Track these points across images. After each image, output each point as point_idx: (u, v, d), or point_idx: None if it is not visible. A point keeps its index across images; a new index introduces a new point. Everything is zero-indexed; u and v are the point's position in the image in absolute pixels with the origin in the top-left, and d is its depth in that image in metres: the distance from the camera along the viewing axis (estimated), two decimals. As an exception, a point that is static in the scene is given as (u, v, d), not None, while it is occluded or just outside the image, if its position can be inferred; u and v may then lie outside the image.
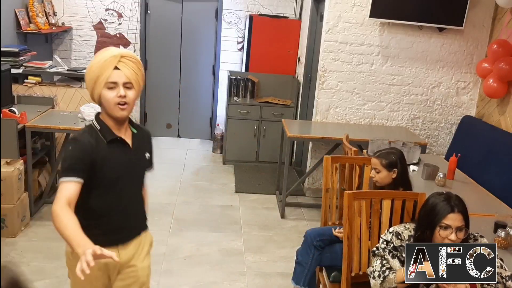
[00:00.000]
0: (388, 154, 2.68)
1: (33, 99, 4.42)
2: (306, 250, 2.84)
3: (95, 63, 1.81)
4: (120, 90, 1.81)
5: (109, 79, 1.79)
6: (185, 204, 4.56)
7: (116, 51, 1.83)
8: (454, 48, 4.74)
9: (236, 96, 5.80)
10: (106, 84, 1.80)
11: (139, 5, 6.02)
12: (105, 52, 1.84)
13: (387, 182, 2.67)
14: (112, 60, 1.79)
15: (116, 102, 1.82)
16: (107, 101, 1.82)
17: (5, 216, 3.60)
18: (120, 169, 1.90)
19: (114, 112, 1.84)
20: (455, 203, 1.98)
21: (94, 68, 1.80)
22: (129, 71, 1.82)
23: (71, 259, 2.01)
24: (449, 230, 1.94)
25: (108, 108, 1.84)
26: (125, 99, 1.82)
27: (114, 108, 1.83)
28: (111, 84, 1.80)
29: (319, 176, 4.93)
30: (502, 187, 3.53)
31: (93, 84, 1.81)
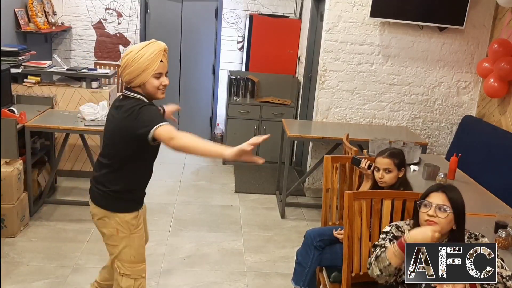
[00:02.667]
0: (397, 153, 2.66)
1: (33, 99, 4.42)
2: (306, 250, 2.83)
3: (146, 55, 2.10)
4: (165, 79, 2.19)
5: (157, 70, 2.14)
6: (185, 204, 4.56)
7: (162, 45, 2.16)
8: (454, 48, 4.73)
9: (236, 95, 5.79)
10: (154, 75, 2.13)
11: (139, 4, 6.02)
12: (153, 45, 2.14)
13: (393, 183, 2.66)
14: (161, 54, 2.14)
15: (160, 88, 2.18)
16: (153, 87, 2.16)
17: (5, 216, 3.59)
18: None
19: (157, 95, 2.20)
20: (443, 186, 2.01)
21: (144, 59, 2.10)
22: (167, 62, 2.20)
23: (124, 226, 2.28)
24: (429, 206, 1.96)
25: (152, 92, 2.18)
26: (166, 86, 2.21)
27: (157, 92, 2.19)
28: (158, 74, 2.15)
29: (319, 176, 4.92)
30: (502, 187, 3.52)
31: (140, 72, 2.11)
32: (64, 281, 3.18)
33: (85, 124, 3.95)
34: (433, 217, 1.94)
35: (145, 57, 2.10)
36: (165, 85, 2.20)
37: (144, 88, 2.17)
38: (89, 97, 4.62)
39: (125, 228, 2.27)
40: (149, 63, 2.11)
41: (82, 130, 3.98)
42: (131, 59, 2.11)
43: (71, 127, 3.91)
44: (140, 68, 2.11)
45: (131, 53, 2.12)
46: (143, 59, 2.10)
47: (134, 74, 2.12)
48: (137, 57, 2.11)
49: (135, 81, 2.15)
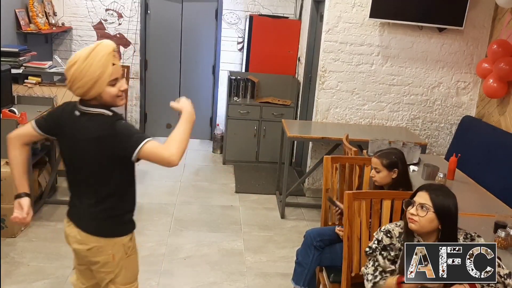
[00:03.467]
0: (389, 154, 2.68)
1: (33, 99, 4.42)
2: (306, 250, 2.84)
3: (95, 62, 1.80)
4: (123, 83, 1.91)
5: (112, 76, 1.85)
6: (185, 204, 4.56)
7: (111, 45, 1.86)
8: (454, 48, 4.74)
9: (236, 96, 5.80)
10: (110, 82, 1.85)
11: (139, 5, 6.02)
12: (100, 48, 1.83)
13: (387, 182, 2.67)
14: (111, 56, 1.84)
15: (118, 95, 1.91)
16: (112, 96, 1.88)
17: (5, 216, 3.60)
18: None
19: (117, 103, 1.92)
20: (429, 185, 2.05)
21: (95, 67, 1.80)
22: (119, 63, 1.89)
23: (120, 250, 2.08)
24: (412, 205, 2.01)
25: (111, 101, 1.90)
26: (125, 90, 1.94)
27: (117, 99, 1.91)
28: (113, 81, 1.86)
29: (319, 176, 4.93)
30: (502, 187, 3.52)
31: (93, 83, 1.82)
32: (65, 281, 3.18)
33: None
34: (414, 215, 1.98)
35: (94, 65, 1.80)
36: (124, 90, 1.92)
37: (101, 98, 1.87)
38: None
39: (122, 252, 2.06)
40: (101, 71, 1.81)
41: (82, 131, 3.99)
42: (79, 70, 1.80)
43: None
44: (92, 79, 1.80)
45: (77, 64, 1.81)
46: (93, 67, 1.80)
47: (87, 87, 1.82)
48: (86, 67, 1.80)
49: (89, 94, 1.85)
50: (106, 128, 1.86)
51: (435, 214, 1.97)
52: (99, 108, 1.90)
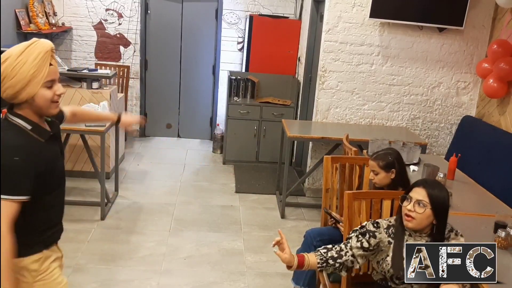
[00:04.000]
0: (385, 155, 2.68)
1: (33, 99, 4.42)
2: (306, 250, 2.84)
3: (30, 60, 1.60)
4: (59, 87, 1.70)
5: (48, 77, 1.64)
6: (185, 204, 4.56)
7: (49, 44, 1.66)
8: (454, 48, 4.74)
9: (236, 96, 5.80)
10: (45, 83, 1.64)
11: (139, 5, 6.03)
12: (37, 46, 1.63)
13: (386, 183, 2.68)
14: (48, 55, 1.64)
15: (53, 100, 1.69)
16: (46, 100, 1.66)
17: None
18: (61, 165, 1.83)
19: (50, 110, 1.71)
20: (426, 181, 2.05)
21: (28, 65, 1.59)
22: (56, 63, 1.71)
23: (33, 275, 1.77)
24: (409, 201, 2.00)
25: (43, 107, 1.67)
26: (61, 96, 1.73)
27: (51, 106, 1.69)
28: (49, 82, 1.66)
29: (319, 176, 4.93)
30: (502, 187, 3.53)
31: (25, 84, 1.60)
32: (65, 281, 3.18)
33: (85, 125, 3.96)
34: (411, 212, 1.98)
35: (28, 63, 1.59)
36: (60, 95, 1.71)
37: (33, 103, 1.64)
38: (89, 98, 4.62)
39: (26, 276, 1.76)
40: (35, 70, 1.60)
41: (82, 131, 4.00)
42: (11, 68, 1.58)
43: (72, 128, 3.91)
44: (25, 78, 1.59)
45: (9, 60, 1.59)
46: (27, 65, 1.59)
47: (18, 87, 1.60)
48: (18, 65, 1.58)
49: (20, 96, 1.62)
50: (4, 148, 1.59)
51: (432, 211, 1.98)
52: (17, 119, 1.66)
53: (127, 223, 4.08)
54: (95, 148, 4.58)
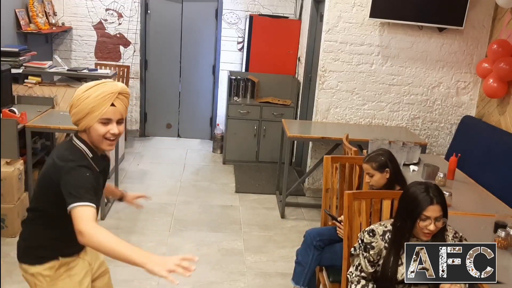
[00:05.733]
0: (377, 156, 2.70)
1: (33, 99, 4.42)
2: (306, 250, 2.84)
3: (93, 96, 1.77)
4: (114, 127, 1.82)
5: (105, 115, 1.79)
6: (185, 204, 4.56)
7: (116, 87, 1.82)
8: (454, 48, 4.74)
9: (236, 96, 5.80)
10: (101, 120, 1.79)
11: (139, 5, 6.03)
12: (104, 86, 1.81)
13: (383, 183, 2.68)
14: (111, 97, 1.79)
15: (107, 137, 1.82)
16: (98, 135, 1.81)
17: (5, 216, 3.60)
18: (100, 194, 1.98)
19: (103, 146, 1.85)
20: (434, 194, 2.02)
21: (90, 100, 1.77)
22: (123, 107, 1.84)
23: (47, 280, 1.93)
24: (428, 221, 2.00)
25: (96, 141, 1.83)
26: (117, 135, 1.85)
27: (104, 142, 1.83)
28: (105, 120, 1.80)
29: (319, 176, 4.93)
30: (502, 187, 3.53)
31: (84, 115, 1.79)
32: (65, 281, 3.18)
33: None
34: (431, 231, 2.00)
35: (91, 98, 1.77)
36: (114, 134, 1.82)
37: (89, 134, 1.82)
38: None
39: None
40: (95, 105, 1.77)
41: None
42: (77, 98, 1.80)
43: (72, 127, 3.87)
44: (85, 110, 1.78)
45: (79, 92, 1.81)
46: (89, 99, 1.77)
47: (79, 116, 1.80)
48: (83, 97, 1.78)
49: (80, 124, 1.82)
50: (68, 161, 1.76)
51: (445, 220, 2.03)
52: (82, 144, 1.84)
53: (127, 223, 4.08)
54: (95, 148, 4.58)
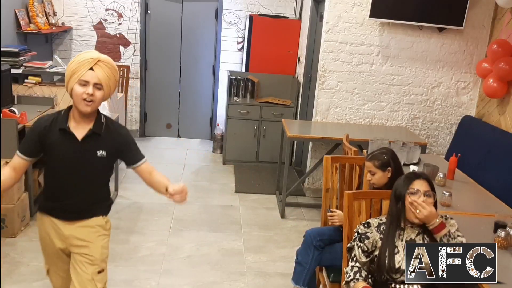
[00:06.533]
0: (379, 154, 2.70)
1: (33, 99, 4.42)
2: (306, 250, 2.84)
3: (75, 61, 2.03)
4: (89, 88, 2.02)
5: (82, 77, 2.01)
6: (185, 204, 4.55)
7: (96, 55, 2.05)
8: (454, 48, 4.74)
9: (236, 96, 5.80)
10: (79, 81, 2.01)
11: (139, 5, 6.03)
12: (85, 53, 2.07)
13: (384, 182, 2.68)
14: (90, 61, 2.02)
15: (83, 97, 2.02)
16: (76, 95, 2.03)
17: (5, 216, 3.60)
18: (64, 158, 2.11)
19: (80, 106, 2.05)
20: (419, 173, 2.17)
21: (73, 64, 2.03)
22: (102, 74, 2.03)
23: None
24: (418, 194, 2.05)
25: (75, 101, 2.06)
26: (92, 97, 2.03)
27: (81, 102, 2.04)
28: (83, 81, 2.02)
29: (319, 176, 4.93)
30: (502, 187, 3.53)
31: (68, 78, 2.04)
32: (65, 281, 3.18)
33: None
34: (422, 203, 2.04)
35: (74, 62, 2.03)
36: (89, 94, 2.01)
37: (72, 98, 2.06)
38: (89, 98, 4.61)
39: None
40: (75, 68, 2.01)
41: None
42: (67, 65, 2.09)
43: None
44: (69, 73, 2.03)
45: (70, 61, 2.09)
46: (73, 64, 2.03)
47: (66, 80, 2.06)
48: (70, 63, 2.05)
49: (68, 88, 2.06)
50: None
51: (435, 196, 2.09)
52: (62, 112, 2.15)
53: (127, 223, 4.08)
54: (95, 148, 4.58)
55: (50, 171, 2.19)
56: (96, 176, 2.19)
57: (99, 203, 2.26)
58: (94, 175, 2.17)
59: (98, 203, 2.25)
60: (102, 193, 2.27)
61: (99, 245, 2.24)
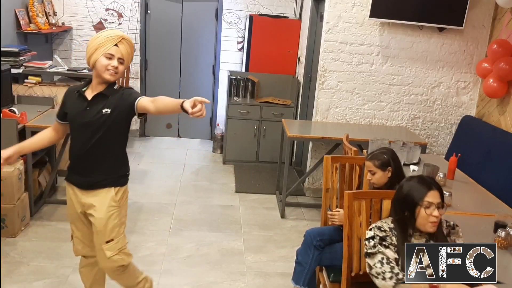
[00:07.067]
0: (380, 154, 2.71)
1: (33, 99, 4.42)
2: (306, 250, 2.84)
3: (101, 36, 2.34)
4: (114, 61, 2.34)
5: (109, 51, 2.32)
6: (185, 204, 4.56)
7: (120, 33, 2.39)
8: (454, 48, 4.74)
9: (236, 96, 5.80)
10: (104, 54, 2.32)
11: (139, 5, 6.03)
12: (111, 30, 2.40)
13: (384, 182, 2.69)
14: (116, 38, 2.34)
15: (108, 68, 2.33)
16: (102, 66, 2.33)
17: (5, 216, 3.60)
18: (75, 116, 2.40)
19: (105, 75, 2.34)
20: (431, 181, 2.06)
21: (99, 39, 2.33)
22: (125, 50, 2.38)
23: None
24: (432, 207, 2.00)
25: (100, 71, 2.34)
26: (116, 69, 2.35)
27: (105, 72, 2.33)
28: (108, 55, 2.33)
29: (319, 176, 4.93)
30: (502, 187, 3.53)
31: (93, 50, 2.33)
32: (65, 281, 3.19)
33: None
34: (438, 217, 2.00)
35: (101, 37, 2.34)
36: (114, 67, 2.33)
37: (96, 68, 2.34)
38: (89, 98, 4.62)
39: None
40: (102, 42, 2.32)
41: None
42: (91, 39, 2.38)
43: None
44: (94, 47, 2.33)
45: (92, 37, 2.40)
46: (99, 39, 2.34)
47: (90, 52, 2.34)
48: (95, 37, 2.36)
49: (89, 61, 2.36)
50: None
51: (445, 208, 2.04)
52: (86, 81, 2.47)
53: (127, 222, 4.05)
54: (95, 148, 4.58)
55: (71, 139, 2.49)
56: (104, 136, 2.37)
57: (110, 173, 2.45)
58: (102, 134, 2.36)
59: (109, 173, 2.45)
60: (113, 161, 2.46)
61: (105, 216, 2.42)
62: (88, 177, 2.42)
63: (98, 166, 2.41)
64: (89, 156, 2.39)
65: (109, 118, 2.35)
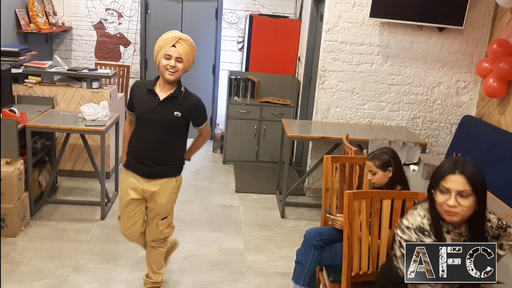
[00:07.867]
0: (381, 154, 2.71)
1: (33, 99, 4.42)
2: (306, 249, 2.84)
3: (161, 39, 2.62)
4: (172, 61, 2.60)
5: (167, 52, 2.59)
6: (185, 204, 4.56)
7: (177, 34, 2.63)
8: (454, 48, 4.74)
9: (236, 96, 5.80)
10: (164, 55, 2.59)
11: (139, 5, 6.02)
12: (169, 33, 2.64)
13: (385, 182, 2.69)
14: (172, 39, 2.60)
15: (167, 68, 2.60)
16: (162, 66, 2.61)
17: (5, 216, 3.60)
18: (146, 113, 2.67)
19: (165, 75, 2.63)
20: (461, 165, 1.70)
21: (159, 42, 2.62)
22: (182, 50, 2.61)
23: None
24: (447, 195, 1.70)
25: (162, 71, 2.63)
26: (174, 68, 2.61)
27: (165, 71, 2.61)
28: (167, 55, 2.59)
29: (319, 176, 4.93)
30: (502, 187, 3.53)
31: (157, 53, 2.62)
32: (65, 281, 3.19)
33: (85, 124, 3.96)
34: (455, 207, 1.70)
35: (161, 40, 2.61)
36: (173, 67, 2.59)
37: (159, 68, 2.63)
38: (89, 97, 4.62)
39: None
40: (162, 45, 2.59)
41: (82, 130, 3.99)
42: (156, 43, 2.65)
43: (72, 127, 3.92)
44: (157, 49, 2.62)
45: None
46: (160, 42, 2.62)
47: (155, 54, 2.64)
48: (158, 41, 2.64)
49: (156, 61, 2.63)
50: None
51: (475, 198, 1.69)
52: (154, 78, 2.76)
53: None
54: (95, 148, 4.58)
55: (136, 129, 2.74)
56: (171, 134, 2.70)
57: (173, 164, 2.79)
58: (170, 133, 2.69)
59: (171, 164, 2.79)
60: (175, 153, 2.79)
61: (167, 202, 2.82)
62: (153, 168, 2.72)
63: (163, 159, 2.73)
64: (156, 149, 2.69)
65: (178, 120, 2.69)
